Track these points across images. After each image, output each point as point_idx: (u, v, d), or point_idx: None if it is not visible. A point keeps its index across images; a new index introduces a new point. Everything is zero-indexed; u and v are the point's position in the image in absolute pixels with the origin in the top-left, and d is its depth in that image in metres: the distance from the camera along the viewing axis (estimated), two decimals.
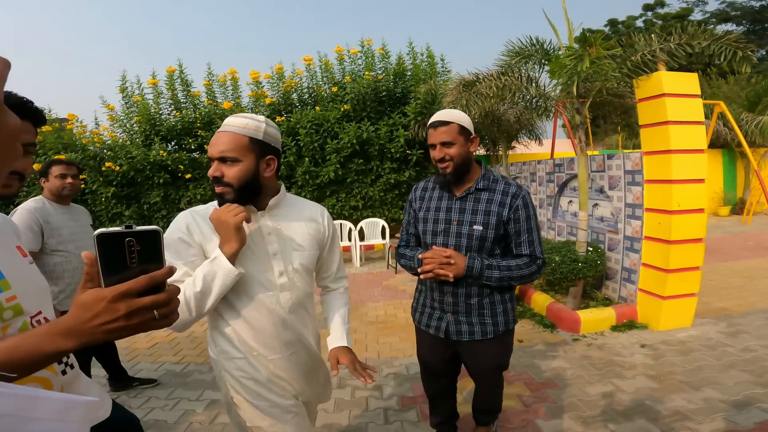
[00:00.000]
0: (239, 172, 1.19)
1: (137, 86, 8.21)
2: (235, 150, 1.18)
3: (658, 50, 3.33)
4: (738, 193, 11.45)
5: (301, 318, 1.34)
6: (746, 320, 3.80)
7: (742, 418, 2.31)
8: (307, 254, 1.34)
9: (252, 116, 1.23)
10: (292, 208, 1.37)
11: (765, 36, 19.77)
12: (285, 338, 1.31)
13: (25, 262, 0.99)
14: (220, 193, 1.21)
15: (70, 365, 1.03)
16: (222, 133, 1.20)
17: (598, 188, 4.50)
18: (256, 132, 1.21)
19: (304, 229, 1.36)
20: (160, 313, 0.61)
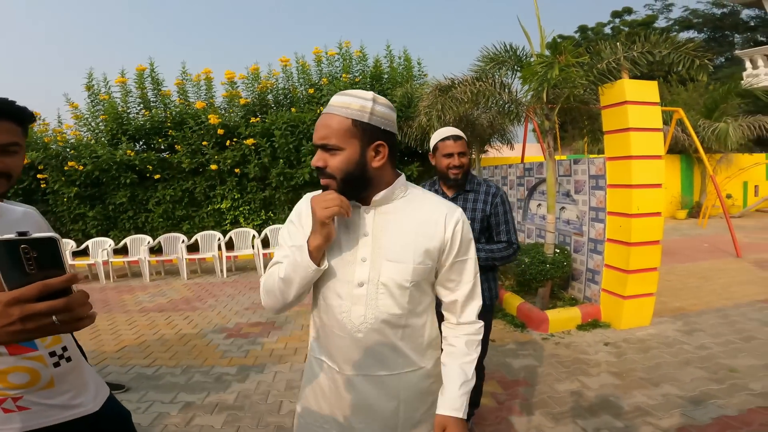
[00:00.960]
0: (342, 163, 1.01)
1: (104, 84, 7.95)
2: (337, 136, 1.00)
3: (622, 58, 3.51)
4: (695, 197, 12.09)
5: (383, 343, 1.08)
6: (701, 319, 4.04)
7: (699, 413, 2.46)
8: (402, 267, 1.06)
9: (357, 93, 1.04)
10: (407, 206, 1.11)
11: (725, 43, 20.87)
12: (357, 359, 1.09)
13: None
14: (323, 185, 1.05)
15: (66, 358, 1.06)
16: (325, 115, 1.03)
17: (564, 192, 4.69)
18: (360, 113, 1.01)
19: (411, 235, 1.07)
20: (59, 318, 0.61)
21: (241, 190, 7.85)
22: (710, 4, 20.60)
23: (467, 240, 1.12)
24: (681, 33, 21.46)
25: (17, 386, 1.01)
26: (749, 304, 4.42)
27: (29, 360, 1.02)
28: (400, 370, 1.10)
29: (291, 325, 4.42)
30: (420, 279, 1.08)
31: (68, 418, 1.09)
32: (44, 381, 1.04)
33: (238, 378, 3.22)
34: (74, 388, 1.12)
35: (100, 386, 1.23)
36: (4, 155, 0.99)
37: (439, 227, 1.08)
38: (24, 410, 1.02)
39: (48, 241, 0.61)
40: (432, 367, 1.16)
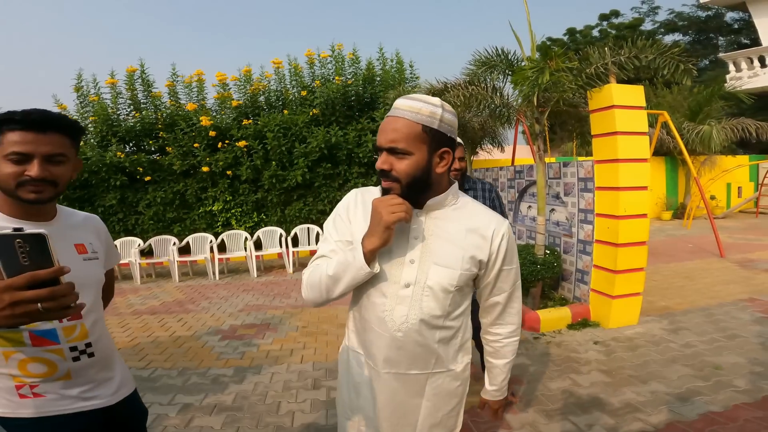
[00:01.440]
0: (409, 167, 1.02)
1: (93, 85, 7.88)
2: (407, 140, 1.01)
3: (610, 63, 3.61)
4: (679, 198, 12.36)
5: (420, 344, 1.11)
6: (687, 318, 4.16)
7: (686, 409, 2.55)
8: (450, 273, 1.08)
9: (426, 98, 1.04)
10: (457, 213, 1.13)
11: (709, 46, 21.25)
12: (392, 357, 1.12)
13: (78, 258, 1.17)
14: (386, 188, 1.06)
15: (89, 354, 1.15)
16: (392, 118, 1.03)
17: (554, 194, 4.79)
18: (431, 119, 1.02)
19: (460, 242, 1.10)
20: (44, 306, 0.70)
21: (233, 192, 7.84)
22: (695, 6, 20.95)
23: (512, 251, 1.16)
24: (666, 36, 21.83)
25: (34, 375, 1.09)
26: (733, 303, 4.56)
27: (49, 353, 1.09)
28: (430, 370, 1.14)
29: (285, 327, 4.45)
30: (464, 284, 1.11)
31: (80, 409, 1.15)
32: (61, 373, 1.11)
33: (234, 379, 3.24)
34: (92, 382, 1.19)
35: (125, 383, 1.30)
36: (50, 164, 1.06)
37: (487, 238, 1.11)
38: (39, 397, 1.10)
39: (38, 237, 0.69)
40: (461, 370, 1.19)
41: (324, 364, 3.48)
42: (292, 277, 6.81)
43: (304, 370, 3.38)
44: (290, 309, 5.10)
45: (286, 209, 7.92)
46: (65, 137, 1.09)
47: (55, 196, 1.11)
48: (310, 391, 3.02)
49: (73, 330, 1.13)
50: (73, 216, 1.27)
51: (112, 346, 1.31)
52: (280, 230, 7.48)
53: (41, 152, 1.03)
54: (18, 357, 1.07)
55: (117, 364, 1.30)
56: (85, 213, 1.34)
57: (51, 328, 1.09)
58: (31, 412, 1.09)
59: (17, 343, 1.06)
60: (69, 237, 1.19)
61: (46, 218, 1.16)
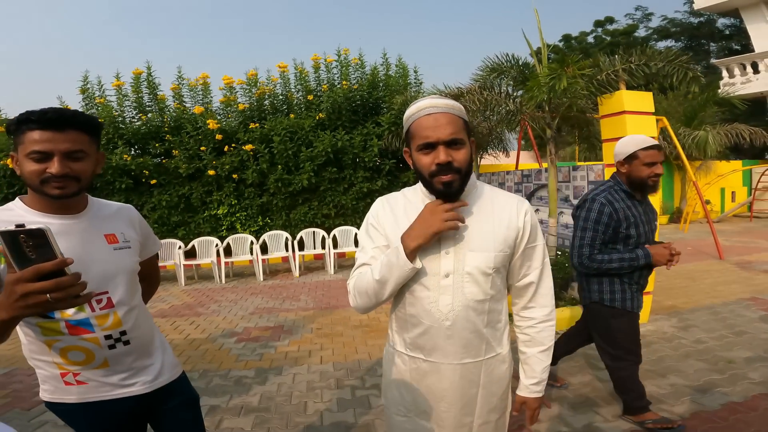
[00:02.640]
0: (466, 156, 1.10)
1: (98, 88, 7.89)
2: (461, 131, 1.09)
3: (621, 70, 3.73)
4: (675, 202, 12.59)
5: (470, 330, 1.15)
6: (694, 316, 4.27)
7: (708, 400, 2.64)
8: (485, 256, 1.13)
9: (445, 98, 1.13)
10: (480, 199, 1.19)
11: (701, 52, 21.65)
12: (445, 347, 1.17)
13: (108, 248, 1.21)
14: (448, 181, 1.08)
15: (124, 341, 1.20)
16: (439, 114, 1.07)
17: (563, 197, 4.90)
18: (462, 113, 1.12)
19: (489, 225, 1.16)
20: (52, 296, 0.75)
21: (238, 195, 7.87)
22: (687, 13, 21.41)
23: (536, 227, 1.20)
24: (660, 42, 22.22)
25: (75, 363, 1.16)
26: (736, 302, 4.68)
27: (85, 341, 1.15)
28: (483, 357, 1.18)
29: (300, 329, 4.48)
30: (500, 265, 1.16)
31: (120, 395, 1.21)
32: (98, 361, 1.17)
33: (257, 381, 3.27)
34: (131, 369, 1.24)
35: (165, 370, 1.33)
36: (70, 160, 1.10)
37: (512, 217, 1.17)
38: (81, 384, 1.17)
39: (38, 232, 0.72)
40: (507, 352, 1.24)
41: (344, 364, 3.52)
42: (298, 281, 6.85)
43: (325, 370, 3.42)
44: (301, 311, 5.13)
45: (291, 213, 7.95)
46: (83, 133, 1.12)
47: (80, 190, 1.15)
48: (334, 390, 3.06)
49: (106, 319, 1.17)
50: (106, 207, 1.30)
51: (152, 334, 1.34)
52: (286, 234, 7.51)
53: (60, 150, 1.07)
54: (59, 345, 1.14)
55: (158, 351, 1.34)
56: (119, 203, 1.37)
57: (85, 318, 1.14)
58: (75, 398, 1.17)
59: (56, 332, 1.13)
60: (99, 228, 1.22)
61: (74, 211, 1.19)
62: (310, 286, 6.42)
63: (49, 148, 1.05)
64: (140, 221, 1.40)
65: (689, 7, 20.37)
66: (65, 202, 1.14)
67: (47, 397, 1.20)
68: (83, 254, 1.13)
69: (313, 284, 6.57)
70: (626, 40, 21.04)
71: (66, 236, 1.13)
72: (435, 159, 1.06)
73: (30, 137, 1.06)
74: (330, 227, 7.83)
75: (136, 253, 1.31)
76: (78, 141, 1.10)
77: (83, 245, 1.15)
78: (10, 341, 4.64)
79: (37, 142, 1.05)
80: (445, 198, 1.11)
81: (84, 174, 1.13)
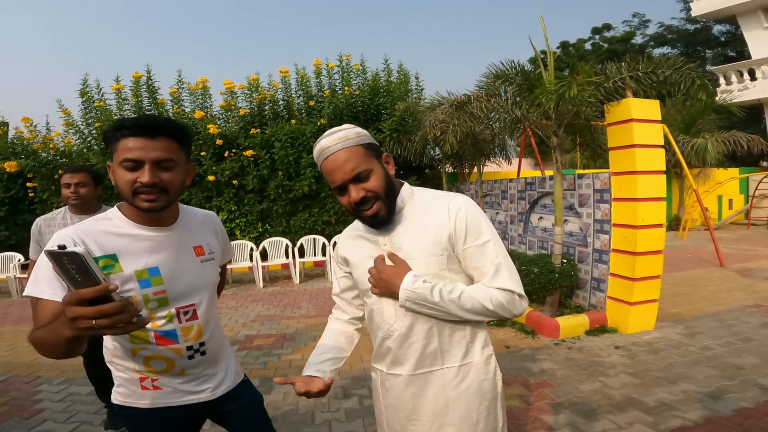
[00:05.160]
0: (378, 179, 1.09)
1: (98, 91, 7.86)
2: (362, 161, 1.07)
3: (628, 78, 3.74)
4: (673, 210, 12.64)
5: (418, 339, 1.12)
6: (699, 323, 4.27)
7: (720, 406, 2.63)
8: (416, 263, 1.11)
9: (338, 129, 1.11)
10: (414, 209, 1.16)
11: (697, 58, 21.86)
12: (399, 358, 1.15)
13: (196, 261, 1.22)
14: (372, 214, 1.09)
15: (201, 352, 1.23)
16: (334, 155, 1.06)
17: (568, 205, 4.89)
18: (359, 138, 1.09)
19: (420, 231, 1.13)
20: (97, 323, 0.73)
21: (238, 202, 7.82)
22: (684, 20, 21.64)
23: (475, 222, 1.10)
24: (656, 49, 22.42)
25: (156, 371, 1.19)
26: (740, 308, 4.68)
27: (170, 351, 1.18)
28: (440, 366, 1.13)
29: (304, 336, 4.43)
30: (438, 270, 1.10)
31: (187, 402, 1.24)
32: (177, 369, 1.21)
33: (262, 390, 3.20)
34: (200, 377, 1.27)
35: (227, 379, 1.34)
36: (160, 170, 1.08)
37: (442, 216, 1.11)
38: (157, 390, 1.20)
39: (75, 255, 0.70)
40: (482, 363, 1.15)
41: (350, 372, 3.47)
42: (299, 287, 6.79)
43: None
44: (304, 319, 5.08)
45: (291, 219, 7.92)
46: (173, 141, 1.10)
47: (168, 204, 1.13)
48: (341, 400, 3.02)
49: (191, 330, 1.20)
50: (193, 216, 1.31)
51: (221, 343, 1.35)
52: (286, 240, 7.47)
53: (151, 158, 1.05)
54: (144, 354, 1.16)
55: (223, 359, 1.35)
56: (204, 211, 1.37)
57: (172, 329, 1.17)
58: (147, 402, 1.20)
59: (144, 341, 1.15)
60: (189, 240, 1.24)
61: (167, 223, 1.20)
62: (311, 293, 6.37)
63: (140, 156, 1.04)
64: (222, 230, 1.40)
65: (686, 14, 20.61)
66: (157, 214, 1.14)
67: (120, 400, 1.22)
68: (176, 267, 1.16)
69: (314, 291, 6.52)
70: (623, 47, 21.25)
71: (161, 249, 1.15)
72: (350, 198, 1.07)
73: (124, 145, 1.05)
74: (330, 234, 7.79)
75: (218, 264, 1.33)
76: (168, 149, 1.08)
77: (176, 258, 1.17)
78: (6, 345, 4.57)
79: (130, 149, 1.04)
80: (377, 227, 1.15)
81: (172, 185, 1.11)
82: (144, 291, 1.11)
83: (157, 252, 1.14)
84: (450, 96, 5.34)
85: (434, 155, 7.68)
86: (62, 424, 2.77)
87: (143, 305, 1.11)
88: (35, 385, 3.40)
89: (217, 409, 1.33)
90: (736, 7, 14.53)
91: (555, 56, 3.52)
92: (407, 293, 1.07)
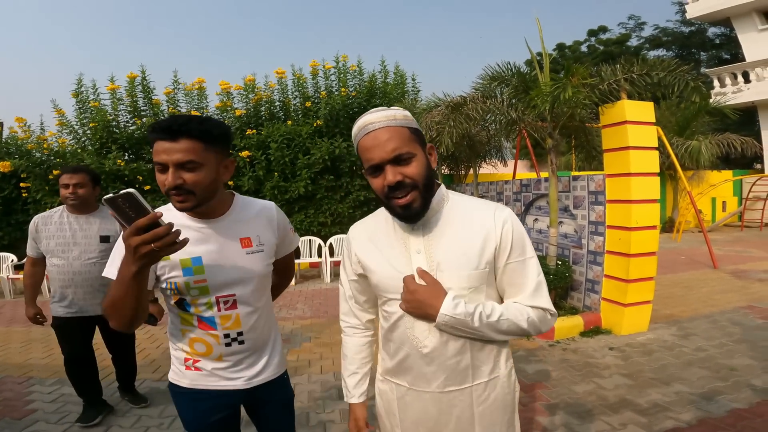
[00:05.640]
0: (420, 167, 1.00)
1: (93, 91, 7.82)
2: (406, 143, 0.99)
3: (622, 80, 3.76)
4: (667, 212, 12.72)
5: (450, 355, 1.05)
6: (693, 324, 4.29)
7: (713, 407, 2.65)
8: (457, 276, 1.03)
9: (387, 108, 1.04)
10: (451, 214, 1.08)
11: (692, 61, 21.96)
12: (426, 374, 1.07)
13: (240, 252, 1.25)
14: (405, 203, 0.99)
15: (239, 341, 1.28)
16: (378, 131, 0.98)
17: (563, 207, 4.91)
18: (407, 121, 1.02)
19: (461, 241, 1.04)
20: (155, 245, 0.88)
21: None
22: (679, 22, 21.75)
23: (521, 238, 1.05)
24: (651, 51, 22.51)
25: (198, 353, 1.27)
26: (733, 310, 4.72)
27: (209, 336, 1.25)
28: (470, 383, 1.07)
29: (298, 338, 4.42)
30: (479, 284, 1.04)
31: (222, 387, 1.30)
32: (215, 355, 1.27)
33: None
34: (238, 365, 1.31)
35: (266, 369, 1.37)
36: (183, 171, 1.09)
37: (489, 227, 1.03)
38: (197, 371, 1.28)
39: (128, 195, 0.87)
40: (504, 375, 1.11)
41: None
42: (294, 289, 6.78)
43: (326, 380, 3.36)
44: (299, 320, 5.07)
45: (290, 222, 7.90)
46: (197, 142, 1.09)
47: (198, 203, 1.14)
48: (336, 401, 3.01)
49: (229, 318, 1.25)
50: (248, 208, 1.32)
51: (267, 336, 1.38)
52: None
53: (173, 161, 1.06)
54: (189, 335, 1.26)
55: (265, 352, 1.38)
56: (262, 203, 1.37)
57: (211, 316, 1.24)
58: (187, 382, 1.29)
59: (189, 324, 1.25)
60: (235, 232, 1.26)
61: (213, 215, 1.23)
62: (307, 295, 6.36)
63: (164, 160, 1.07)
64: (280, 221, 1.38)
65: (681, 17, 20.73)
66: (203, 208, 1.18)
67: (171, 377, 1.32)
68: (217, 258, 1.21)
69: (309, 293, 6.51)
70: (619, 49, 21.36)
71: (206, 240, 1.20)
72: (384, 181, 0.98)
73: (156, 148, 1.09)
74: (326, 235, 7.78)
75: (269, 257, 1.33)
76: (190, 151, 1.08)
77: (218, 249, 1.21)
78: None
79: (158, 152, 1.08)
80: (408, 221, 1.04)
81: (198, 186, 1.11)
82: (186, 278, 1.18)
83: (202, 243, 1.19)
84: (446, 97, 5.36)
85: None
86: (54, 424, 2.75)
87: (186, 291, 1.19)
88: (27, 386, 3.37)
89: (251, 400, 1.38)
90: (730, 10, 14.64)
91: (551, 58, 3.53)
92: (446, 318, 0.98)
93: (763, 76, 13.66)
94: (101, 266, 2.53)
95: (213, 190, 1.16)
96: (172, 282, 1.18)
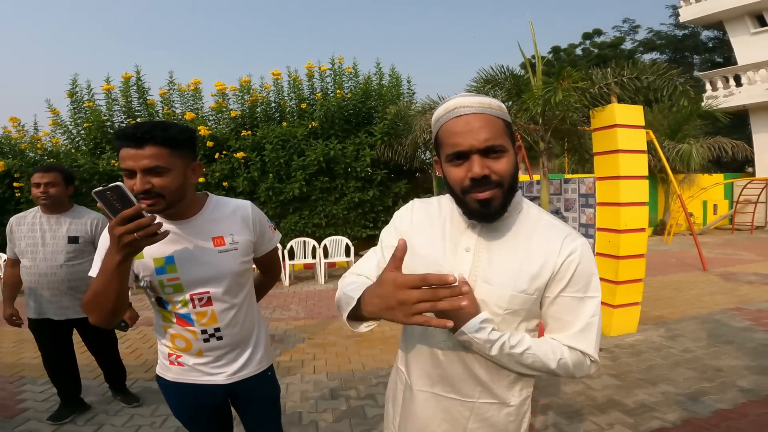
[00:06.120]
0: (509, 165, 0.89)
1: (87, 91, 7.81)
2: (500, 136, 0.88)
3: (613, 83, 3.82)
4: (659, 215, 12.84)
5: (461, 366, 0.98)
6: (681, 326, 4.35)
7: (699, 408, 2.70)
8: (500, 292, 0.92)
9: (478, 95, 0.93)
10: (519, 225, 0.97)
11: (685, 64, 22.09)
12: (431, 375, 1.02)
13: (213, 251, 1.28)
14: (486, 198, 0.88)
15: (217, 337, 1.32)
16: (470, 116, 0.87)
17: (554, 210, 4.97)
18: (502, 112, 0.92)
19: (516, 257, 0.93)
20: (138, 235, 0.93)
21: None
22: (672, 25, 22.00)
23: (586, 272, 0.92)
24: (645, 54, 22.72)
25: (179, 348, 1.33)
26: (721, 312, 4.78)
27: (187, 332, 1.30)
28: (474, 399, 0.99)
29: (292, 338, 4.44)
30: (518, 308, 0.92)
31: (205, 381, 1.35)
32: (195, 350, 1.32)
33: None
34: (219, 361, 1.35)
35: (249, 365, 1.40)
36: (152, 176, 1.12)
37: (553, 248, 0.91)
38: (180, 366, 1.34)
39: (117, 187, 0.94)
40: (517, 404, 1.01)
41: (338, 374, 3.49)
42: (288, 290, 6.79)
43: (319, 380, 3.39)
44: (293, 321, 5.09)
45: (281, 222, 7.92)
46: (163, 148, 1.11)
47: (168, 206, 1.17)
48: (328, 401, 3.03)
49: (204, 315, 1.29)
50: (222, 208, 1.34)
51: (248, 332, 1.41)
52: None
53: (140, 167, 1.09)
54: (170, 331, 1.31)
55: (246, 348, 1.41)
56: (237, 202, 1.39)
57: (187, 312, 1.28)
58: (171, 376, 1.35)
59: (169, 321, 1.30)
60: (207, 231, 1.29)
61: (184, 216, 1.27)
62: (301, 296, 6.37)
63: (131, 166, 1.10)
64: (255, 219, 1.38)
65: (675, 20, 20.94)
66: (173, 210, 1.21)
67: (158, 370, 1.39)
68: (189, 256, 1.24)
69: (303, 294, 6.52)
70: (613, 52, 21.56)
71: (177, 240, 1.24)
72: (468, 172, 0.87)
73: (122, 154, 1.11)
74: (321, 237, 7.80)
75: (243, 255, 1.35)
76: (156, 157, 1.10)
77: (189, 249, 1.25)
78: None
79: (124, 159, 1.11)
80: (481, 219, 0.93)
81: (167, 189, 1.13)
82: (159, 277, 1.23)
83: (174, 243, 1.23)
84: (441, 100, 5.40)
85: (425, 159, 7.76)
86: (45, 423, 2.75)
87: (161, 289, 1.25)
88: (19, 385, 3.38)
89: (235, 395, 1.42)
90: (723, 13, 14.78)
91: (545, 61, 3.59)
92: (465, 338, 0.89)
93: (755, 80, 13.82)
94: (68, 269, 2.54)
95: (181, 193, 1.19)
96: (148, 280, 1.24)
